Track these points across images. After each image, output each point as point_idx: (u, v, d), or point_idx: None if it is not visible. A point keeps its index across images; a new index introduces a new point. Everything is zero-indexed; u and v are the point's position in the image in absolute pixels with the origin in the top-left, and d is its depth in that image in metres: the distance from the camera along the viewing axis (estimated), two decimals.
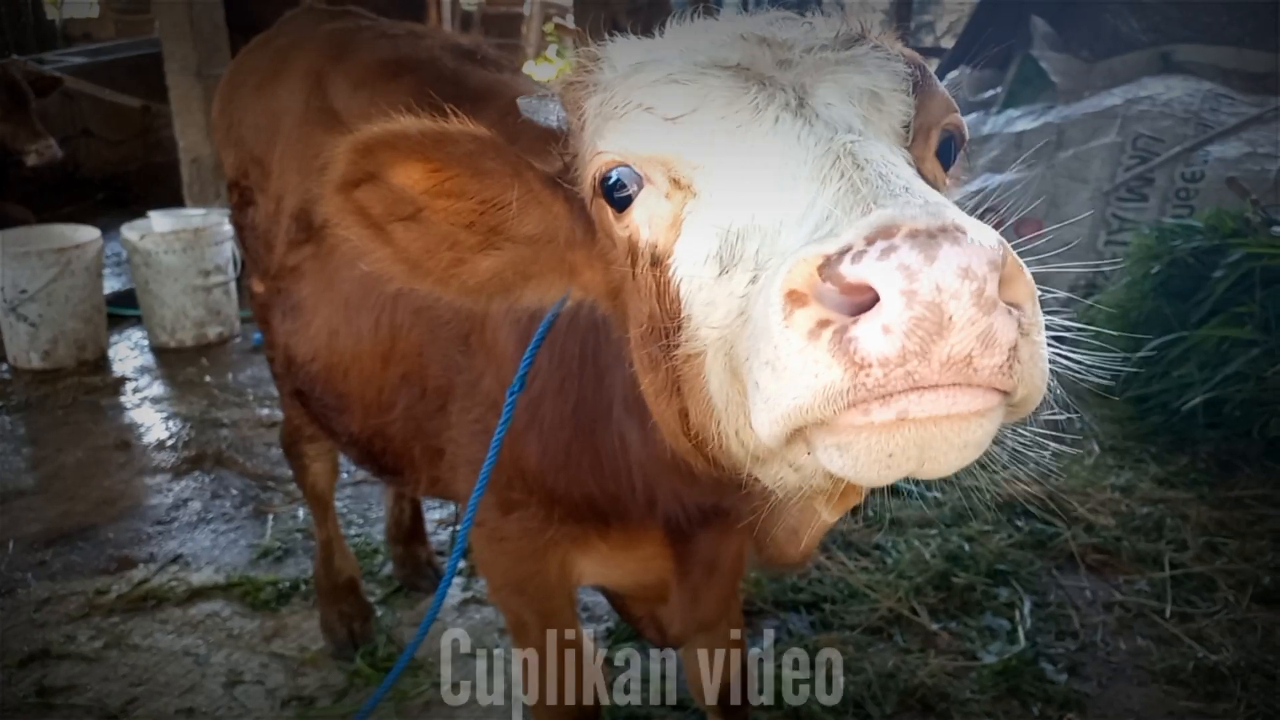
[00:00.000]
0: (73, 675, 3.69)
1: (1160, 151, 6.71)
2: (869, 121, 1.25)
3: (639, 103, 1.32)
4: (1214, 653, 3.72)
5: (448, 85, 2.73)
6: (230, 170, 3.37)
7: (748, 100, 1.25)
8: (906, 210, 0.97)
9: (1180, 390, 5.11)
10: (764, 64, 1.29)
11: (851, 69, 1.29)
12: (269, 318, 3.16)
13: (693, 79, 1.28)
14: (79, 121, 10.31)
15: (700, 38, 1.38)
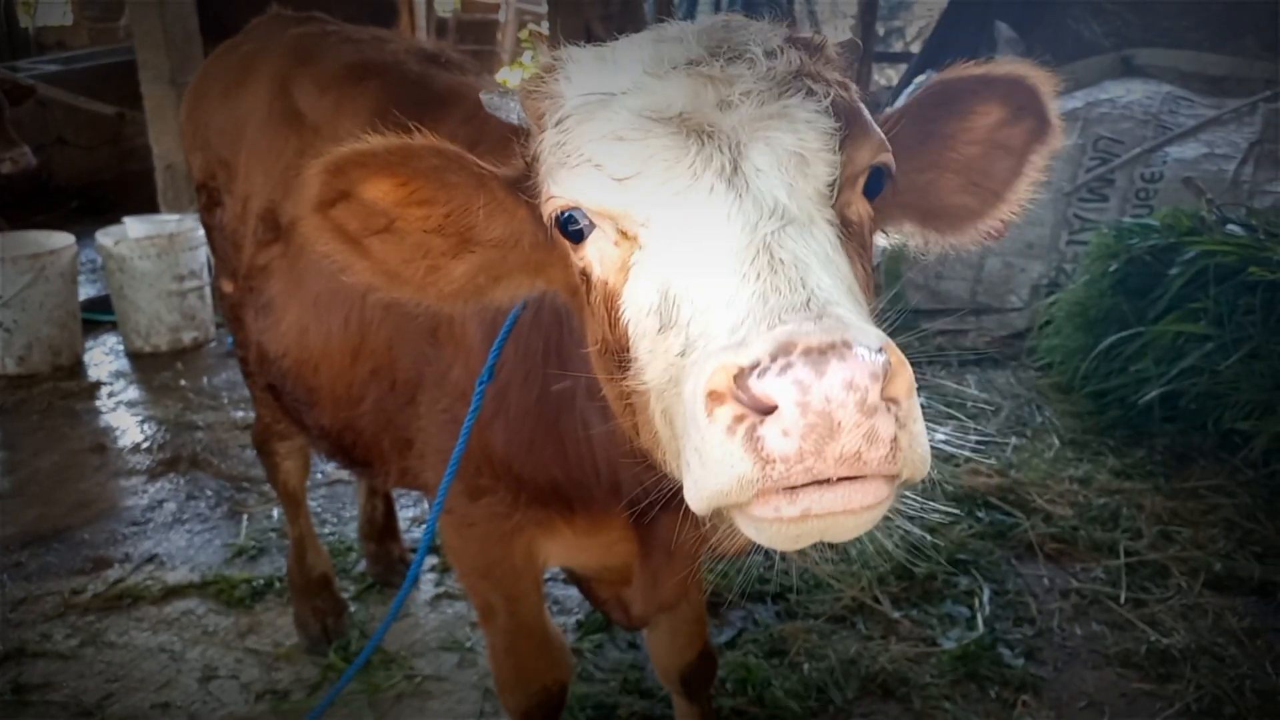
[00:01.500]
0: (49, 673, 3.74)
1: (1120, 153, 6.86)
2: (794, 190, 1.34)
3: (589, 158, 1.39)
4: (1166, 636, 3.83)
5: (413, 88, 2.81)
6: (198, 173, 3.45)
7: (687, 164, 1.33)
8: (803, 327, 1.12)
9: (1137, 384, 5.23)
10: (706, 109, 1.35)
11: (784, 127, 1.35)
12: (241, 315, 3.22)
13: (638, 137, 1.35)
14: (53, 129, 10.32)
15: (649, 53, 1.44)
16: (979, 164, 1.66)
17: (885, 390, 1.11)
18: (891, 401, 1.12)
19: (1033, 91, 1.59)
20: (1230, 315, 4.97)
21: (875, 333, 1.14)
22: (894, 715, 3.49)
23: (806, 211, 1.33)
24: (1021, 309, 6.71)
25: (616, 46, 1.51)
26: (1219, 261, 5.15)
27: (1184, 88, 7.69)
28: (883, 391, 1.11)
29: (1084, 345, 5.64)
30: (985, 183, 1.66)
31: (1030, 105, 1.60)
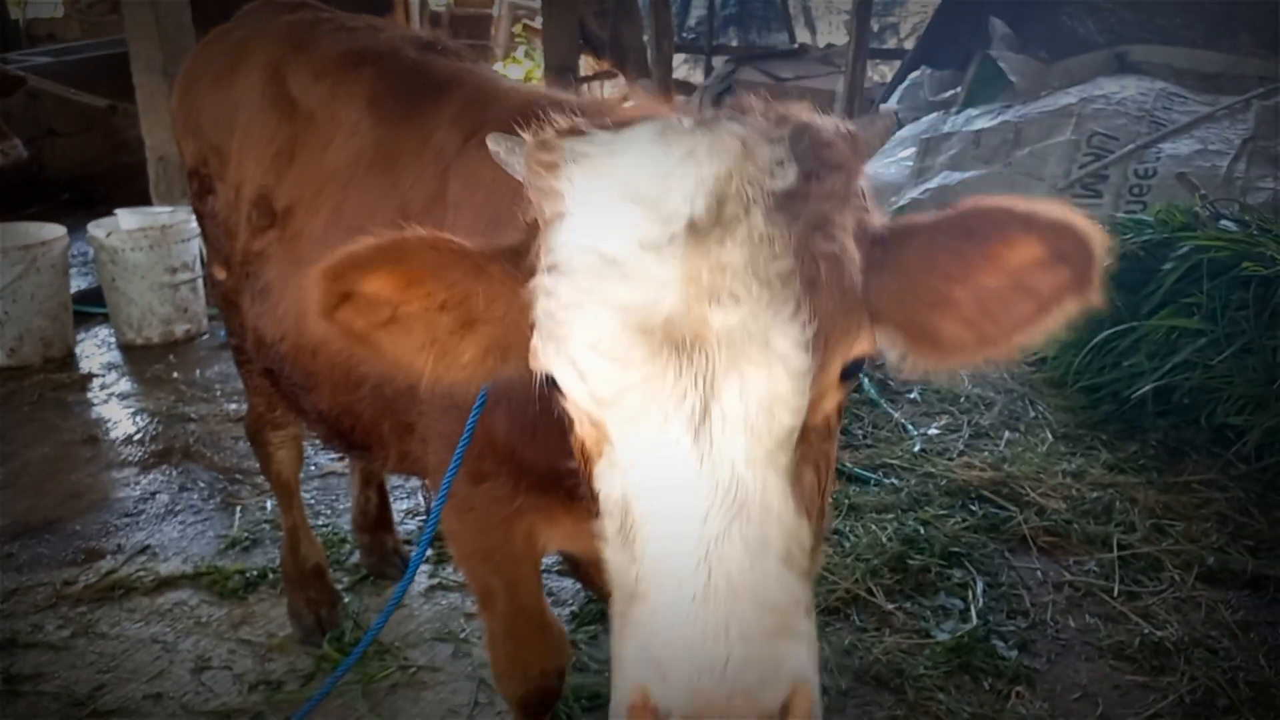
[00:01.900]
0: (40, 664, 3.73)
1: (1114, 149, 6.88)
2: (753, 449, 1.32)
3: (572, 359, 1.38)
4: (1159, 629, 3.84)
5: (411, 75, 2.81)
6: (190, 159, 3.43)
7: (660, 401, 1.32)
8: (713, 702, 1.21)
9: (1130, 379, 5.25)
10: (693, 313, 1.31)
11: (760, 360, 1.31)
12: (238, 301, 3.21)
13: (619, 358, 1.33)
14: (44, 122, 10.26)
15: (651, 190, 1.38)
16: (994, 302, 1.47)
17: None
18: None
19: (1082, 244, 1.40)
20: (1224, 310, 4.99)
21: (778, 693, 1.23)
22: (888, 706, 3.50)
23: (760, 476, 1.32)
24: None
25: (623, 150, 1.43)
26: (1213, 257, 5.17)
27: (1178, 84, 7.73)
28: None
29: (1077, 340, 5.64)
30: (994, 322, 1.49)
31: (1073, 257, 1.41)
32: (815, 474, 1.42)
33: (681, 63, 15.32)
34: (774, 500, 1.32)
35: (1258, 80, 7.77)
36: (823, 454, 1.45)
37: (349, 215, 2.70)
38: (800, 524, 1.36)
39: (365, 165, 2.71)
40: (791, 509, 1.34)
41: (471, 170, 2.39)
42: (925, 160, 7.48)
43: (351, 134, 2.79)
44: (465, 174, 2.42)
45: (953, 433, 5.35)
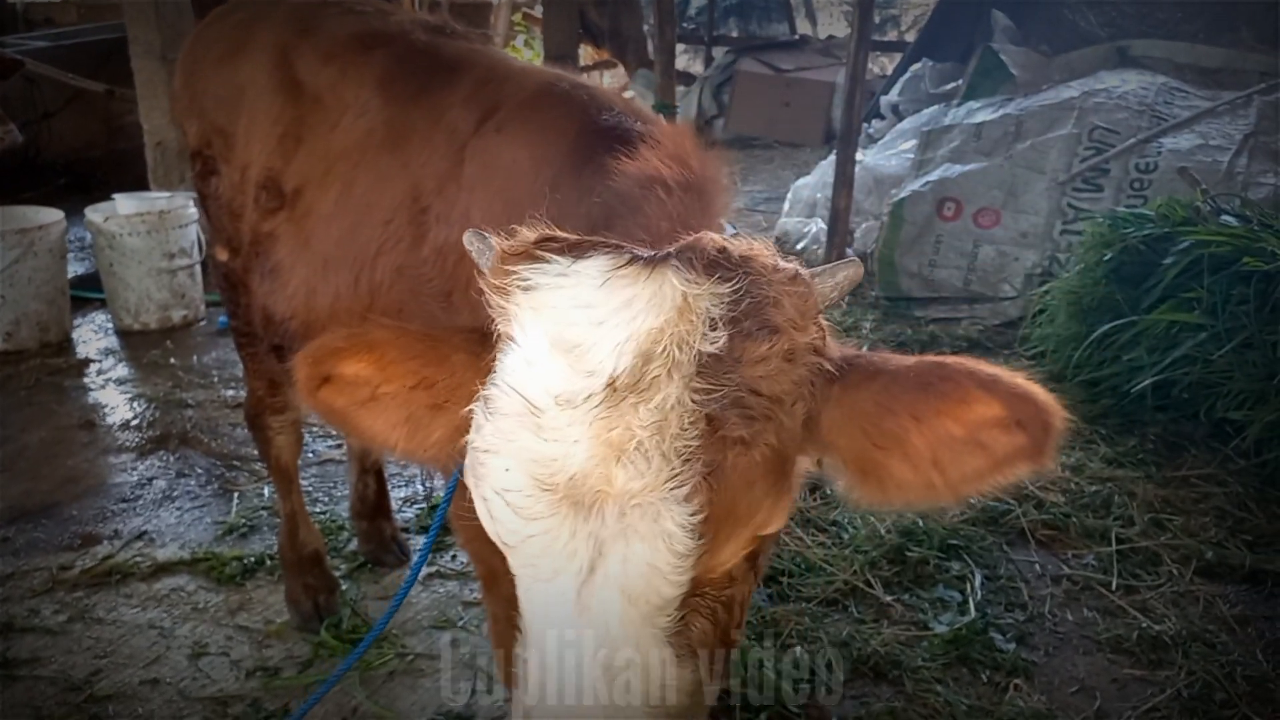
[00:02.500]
0: (37, 648, 3.71)
1: (1115, 143, 6.86)
2: (628, 612, 1.35)
3: (486, 501, 1.42)
4: (1157, 623, 3.85)
5: (421, 57, 2.81)
6: (193, 140, 3.41)
7: (551, 555, 1.35)
8: None
9: (1130, 373, 5.25)
10: (597, 473, 1.32)
11: (647, 533, 1.31)
12: (246, 280, 3.21)
13: (524, 513, 1.36)
14: (41, 106, 10.21)
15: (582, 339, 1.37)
16: (946, 452, 1.46)
17: None
18: None
19: (1042, 414, 1.41)
20: (1224, 305, 4.99)
21: None
22: (886, 698, 3.50)
23: (633, 637, 1.36)
24: (1015, 297, 6.72)
25: (567, 287, 1.42)
26: (1213, 252, 5.15)
27: (1179, 79, 7.71)
28: None
29: (1077, 334, 5.65)
30: (943, 471, 1.47)
31: (1031, 425, 1.41)
32: (712, 619, 1.44)
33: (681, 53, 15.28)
34: (645, 658, 1.37)
35: (1259, 75, 7.76)
36: (725, 600, 1.47)
37: (359, 193, 2.70)
38: (680, 672, 1.40)
39: (376, 144, 2.71)
40: (668, 662, 1.39)
41: (489, 153, 2.39)
42: (926, 153, 7.46)
43: (361, 113, 2.79)
44: (482, 156, 2.41)
45: None
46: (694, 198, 1.78)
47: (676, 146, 1.94)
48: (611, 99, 2.40)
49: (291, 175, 2.91)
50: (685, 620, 1.40)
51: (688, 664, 1.41)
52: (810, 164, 9.69)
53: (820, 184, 8.27)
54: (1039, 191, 6.85)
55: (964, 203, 6.96)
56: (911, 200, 7.05)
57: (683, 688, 1.42)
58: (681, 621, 1.40)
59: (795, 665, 3.59)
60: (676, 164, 1.89)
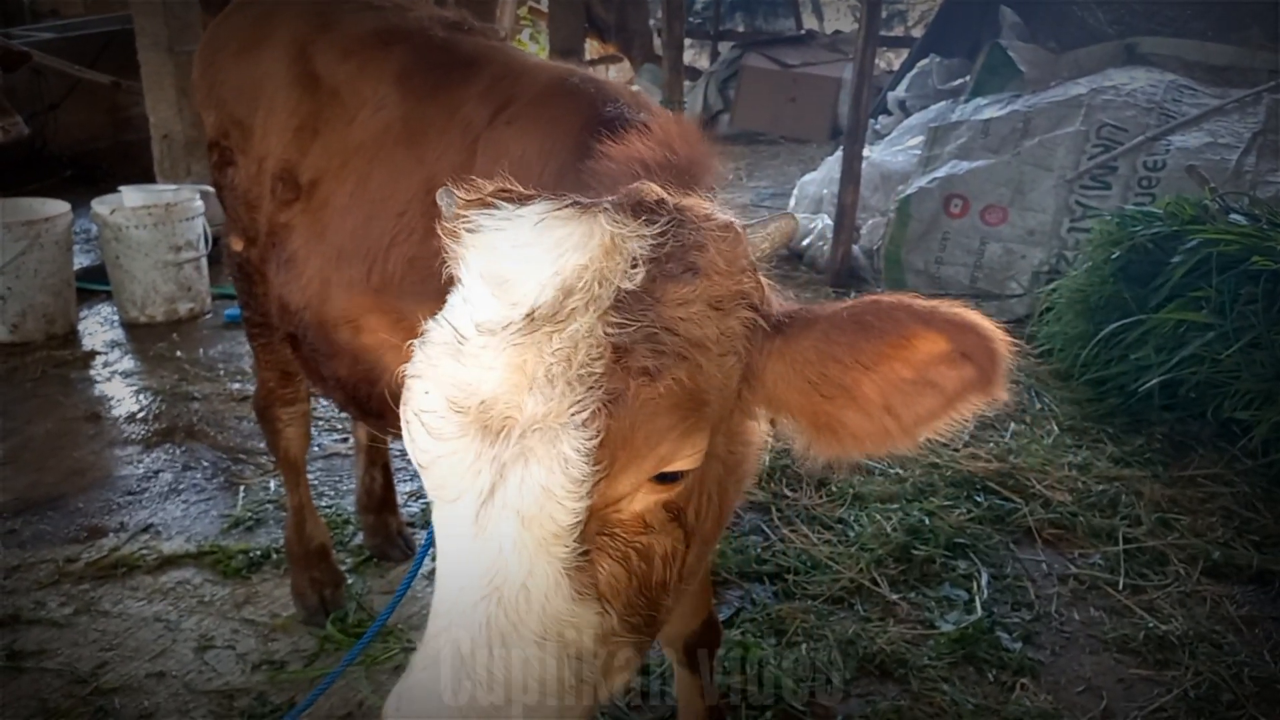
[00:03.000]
0: (43, 640, 3.72)
1: (1123, 140, 6.84)
2: (522, 537, 1.37)
3: (409, 422, 1.46)
4: (1164, 623, 3.84)
5: (439, 53, 2.85)
6: (211, 130, 3.43)
7: (458, 477, 1.40)
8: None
9: (1137, 372, 5.23)
10: (505, 399, 1.36)
11: (544, 457, 1.34)
12: (263, 270, 3.24)
13: (437, 433, 1.41)
14: (47, 98, 10.20)
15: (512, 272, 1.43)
16: (897, 395, 1.48)
17: None
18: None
19: (985, 342, 1.44)
20: (1232, 304, 4.97)
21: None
22: (892, 696, 3.49)
23: (526, 562, 1.37)
24: (1021, 295, 6.70)
25: (508, 229, 1.48)
26: (1222, 251, 5.14)
27: (1188, 77, 7.68)
28: None
29: (1084, 332, 5.63)
30: (896, 416, 1.50)
31: (977, 355, 1.44)
32: (625, 565, 1.45)
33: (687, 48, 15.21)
34: (538, 586, 1.37)
35: (1268, 74, 7.74)
36: (641, 549, 1.47)
37: (375, 186, 2.73)
38: (579, 609, 1.41)
39: (392, 138, 2.74)
40: (564, 595, 1.39)
41: (500, 145, 2.42)
42: (933, 149, 7.43)
43: (379, 108, 2.82)
44: (494, 149, 2.44)
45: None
46: (674, 178, 1.80)
47: (664, 133, 1.98)
48: (618, 92, 2.41)
49: (308, 168, 2.93)
50: (590, 558, 1.41)
51: (591, 604, 1.42)
52: (816, 160, 9.67)
53: (826, 180, 8.25)
54: (1046, 189, 6.83)
55: (971, 200, 6.94)
56: (918, 197, 7.03)
57: (584, 629, 1.42)
58: (584, 557, 1.41)
59: (800, 663, 3.59)
60: (661, 148, 1.93)
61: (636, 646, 1.56)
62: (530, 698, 1.37)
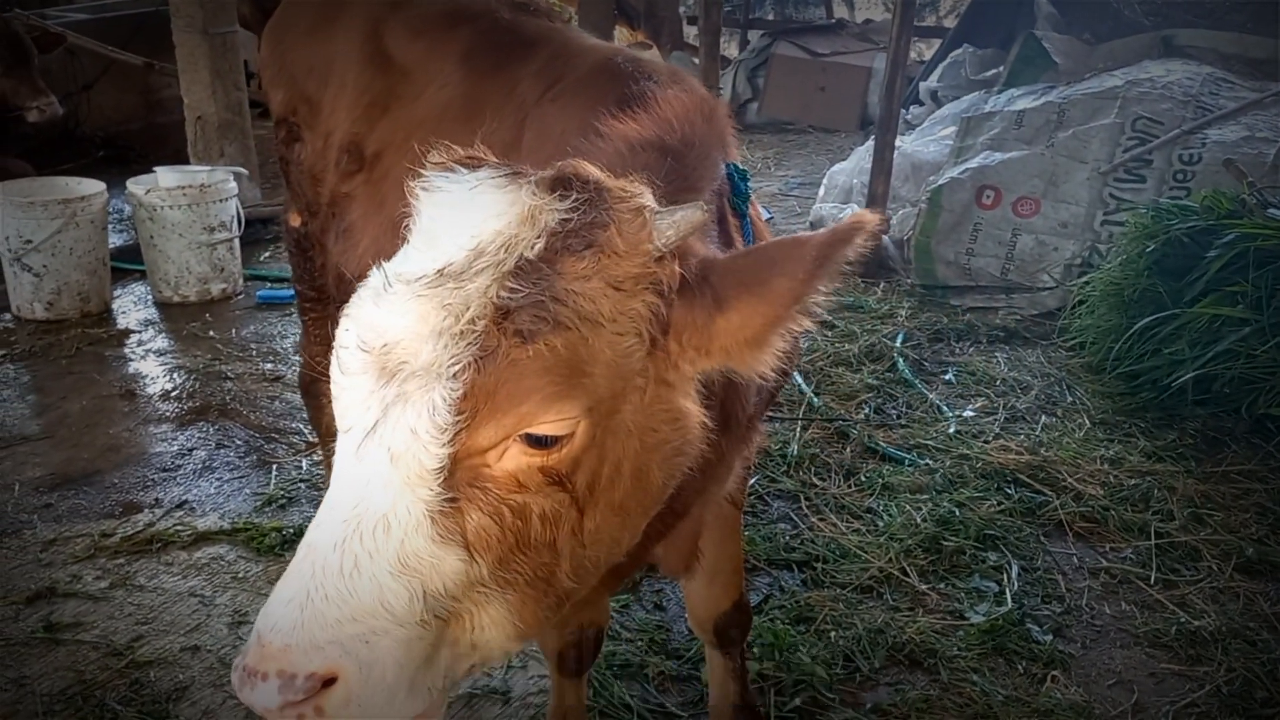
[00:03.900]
0: (79, 613, 3.77)
1: (1159, 133, 6.77)
2: (394, 466, 1.46)
3: (338, 349, 1.57)
4: (1196, 619, 3.82)
5: (503, 34, 2.92)
6: (279, 108, 3.53)
7: (353, 410, 1.52)
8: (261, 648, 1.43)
9: (1171, 367, 5.19)
10: (407, 344, 1.46)
11: (417, 403, 1.45)
12: (322, 241, 3.35)
13: (347, 367, 1.53)
14: (80, 78, 10.28)
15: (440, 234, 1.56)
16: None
17: (305, 703, 1.41)
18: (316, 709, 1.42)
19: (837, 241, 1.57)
20: (1269, 300, 4.92)
21: (307, 662, 1.40)
22: (921, 685, 3.49)
23: (390, 498, 1.46)
24: (1053, 288, 6.65)
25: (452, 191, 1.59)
26: (1259, 245, 5.09)
27: (1225, 69, 7.59)
28: (302, 703, 1.41)
29: (1117, 326, 5.59)
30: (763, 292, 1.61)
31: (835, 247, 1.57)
32: (497, 520, 1.51)
33: None
34: (398, 521, 1.46)
35: None
36: (516, 506, 1.53)
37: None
38: (440, 551, 1.48)
39: (453, 114, 2.80)
40: (424, 534, 1.47)
41: (545, 121, 2.45)
42: (965, 139, 7.38)
43: (443, 86, 2.89)
44: (539, 125, 2.48)
45: (988, 416, 5.31)
46: (659, 157, 1.86)
47: (665, 112, 2.03)
48: (655, 71, 2.42)
49: (374, 141, 3.02)
50: (457, 506, 1.49)
51: (454, 549, 1.48)
52: (845, 150, 9.63)
53: (856, 170, 8.21)
54: (1080, 181, 6.78)
55: (1003, 191, 6.89)
56: (950, 187, 6.99)
57: (444, 571, 1.48)
58: (452, 504, 1.48)
59: (829, 650, 3.59)
60: (656, 126, 1.99)
61: (525, 605, 1.59)
62: (376, 621, 1.44)
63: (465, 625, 1.55)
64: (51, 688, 3.41)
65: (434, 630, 1.50)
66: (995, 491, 4.57)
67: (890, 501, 4.50)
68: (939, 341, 6.27)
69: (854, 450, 4.96)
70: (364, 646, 1.43)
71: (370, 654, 1.43)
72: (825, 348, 6.00)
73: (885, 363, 5.87)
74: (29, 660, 3.53)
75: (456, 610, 1.52)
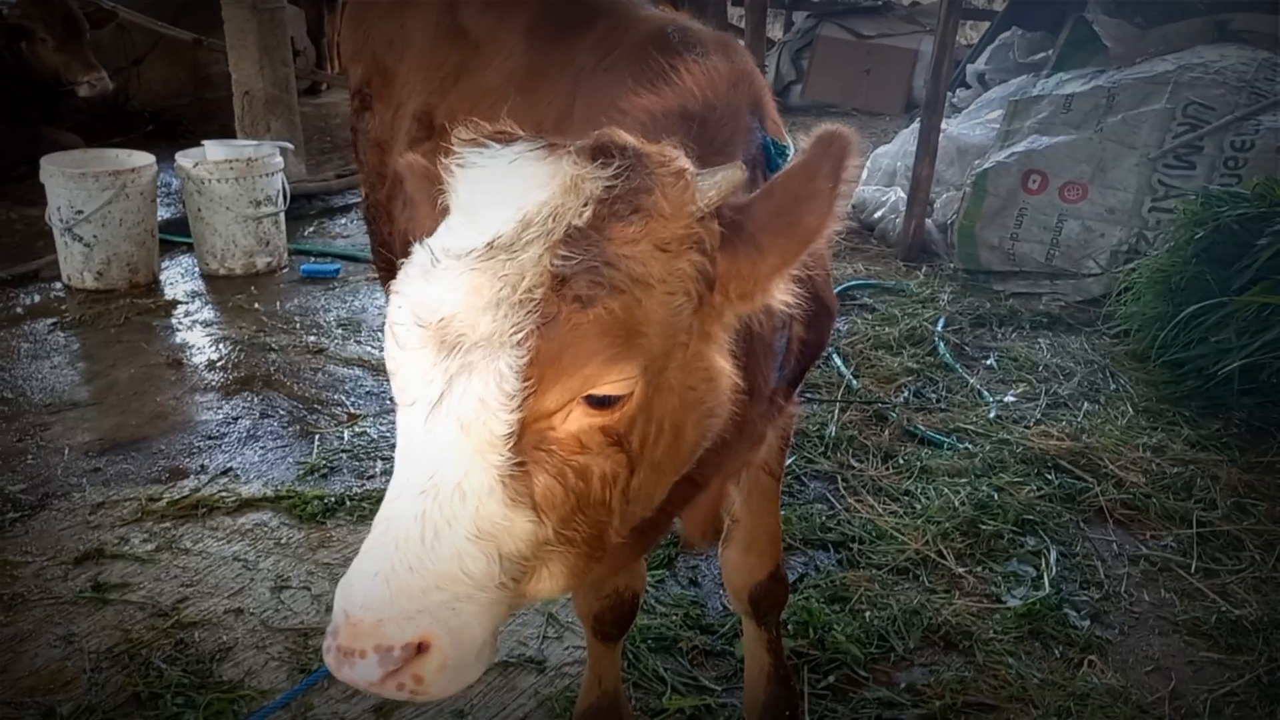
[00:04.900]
0: (126, 574, 3.85)
1: (1211, 119, 6.65)
2: (465, 435, 1.49)
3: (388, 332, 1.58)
4: (1237, 608, 3.78)
5: (568, 6, 2.98)
6: (356, 80, 3.71)
7: (414, 384, 1.53)
8: (349, 625, 1.46)
9: (1217, 355, 5.12)
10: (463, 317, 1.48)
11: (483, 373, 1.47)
12: (390, 209, 3.47)
13: (399, 338, 1.55)
14: (130, 53, 10.42)
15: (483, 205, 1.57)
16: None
17: (402, 672, 1.46)
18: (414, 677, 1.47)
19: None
20: None
21: (400, 634, 1.44)
22: (956, 667, 3.49)
23: (462, 466, 1.49)
24: (1099, 275, 6.58)
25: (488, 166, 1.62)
26: None
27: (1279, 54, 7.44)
28: (400, 672, 1.46)
29: (1163, 314, 5.52)
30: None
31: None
32: (561, 480, 1.56)
33: None
34: (472, 488, 1.49)
35: None
36: (579, 467, 1.57)
37: None
38: (512, 515, 1.52)
39: (516, 85, 2.86)
40: (497, 499, 1.51)
41: (596, 91, 2.47)
42: (1013, 123, 7.29)
43: (508, 57, 2.98)
44: (590, 94, 2.50)
45: (1030, 401, 5.27)
46: (682, 124, 1.90)
47: (690, 81, 2.09)
48: (703, 40, 2.44)
49: (443, 111, 3.10)
50: (525, 469, 1.52)
51: (524, 512, 1.52)
52: (889, 133, 9.56)
53: (900, 153, 8.15)
54: (1129, 167, 6.68)
55: (1050, 176, 6.81)
56: (995, 171, 6.92)
57: (516, 534, 1.53)
58: (520, 468, 1.52)
59: (863, 629, 3.60)
60: (677, 96, 2.04)
61: (578, 561, 1.66)
62: (458, 588, 1.48)
63: (529, 582, 1.60)
64: (99, 645, 3.49)
65: (510, 591, 1.56)
66: (1035, 477, 4.54)
67: (928, 485, 4.48)
68: (981, 326, 6.22)
69: (892, 433, 4.94)
70: (451, 613, 1.47)
71: (457, 619, 1.48)
72: (865, 331, 5.98)
73: (926, 347, 5.84)
74: (77, 619, 3.61)
75: (525, 570, 1.57)
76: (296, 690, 3.22)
